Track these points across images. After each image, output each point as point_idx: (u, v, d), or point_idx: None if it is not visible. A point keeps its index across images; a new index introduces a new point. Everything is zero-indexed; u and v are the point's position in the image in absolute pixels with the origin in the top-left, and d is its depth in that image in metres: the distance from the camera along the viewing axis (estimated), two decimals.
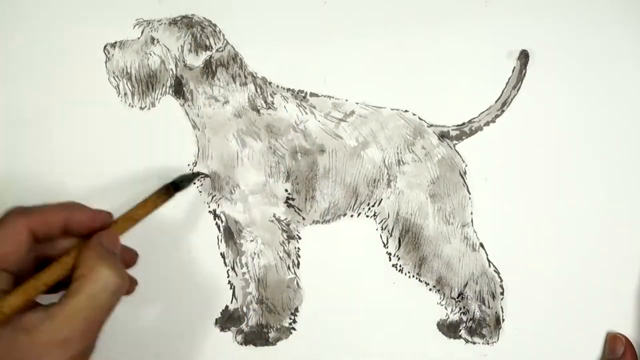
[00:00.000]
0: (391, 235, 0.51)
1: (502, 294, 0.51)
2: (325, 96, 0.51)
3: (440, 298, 0.52)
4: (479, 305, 0.51)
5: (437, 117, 0.51)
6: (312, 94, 0.51)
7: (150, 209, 0.44)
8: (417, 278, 0.51)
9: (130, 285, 0.43)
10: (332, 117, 0.51)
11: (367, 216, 0.51)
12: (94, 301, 0.37)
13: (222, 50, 0.50)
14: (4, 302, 0.36)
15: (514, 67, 0.51)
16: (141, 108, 0.50)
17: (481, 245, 0.51)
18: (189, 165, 0.50)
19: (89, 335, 0.37)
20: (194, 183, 0.49)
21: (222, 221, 0.51)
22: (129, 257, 0.46)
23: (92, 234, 0.41)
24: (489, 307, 0.51)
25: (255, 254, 0.51)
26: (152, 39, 0.49)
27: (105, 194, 0.50)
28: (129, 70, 0.49)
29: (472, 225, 0.51)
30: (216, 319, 0.51)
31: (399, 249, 0.51)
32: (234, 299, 0.51)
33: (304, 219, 0.51)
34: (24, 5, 0.50)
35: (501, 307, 0.51)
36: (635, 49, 0.51)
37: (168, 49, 0.49)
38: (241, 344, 0.51)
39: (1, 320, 0.36)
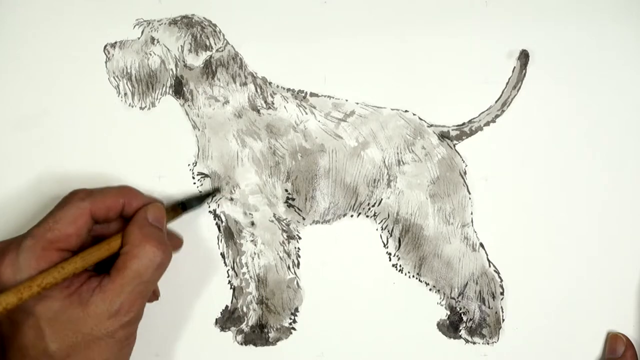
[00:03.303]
0: (391, 235, 0.51)
1: (502, 294, 0.51)
2: (325, 96, 0.51)
3: (440, 298, 0.52)
4: (479, 305, 0.51)
5: (437, 117, 0.51)
6: (312, 94, 0.51)
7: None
8: (417, 278, 0.51)
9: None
10: (332, 117, 0.51)
11: (367, 216, 0.51)
12: (140, 276, 0.41)
13: (222, 50, 0.50)
14: (62, 271, 0.40)
15: (514, 67, 0.51)
16: (141, 108, 0.50)
17: (481, 245, 0.51)
18: (189, 165, 0.50)
19: (135, 306, 0.42)
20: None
21: (222, 221, 0.51)
22: (174, 242, 0.49)
23: None
24: (489, 307, 0.51)
25: (255, 254, 0.51)
26: (152, 39, 0.49)
27: None
28: (129, 70, 0.49)
29: (472, 225, 0.51)
30: (216, 319, 0.51)
31: (399, 249, 0.51)
32: (234, 299, 0.51)
33: (304, 219, 0.51)
34: (24, 5, 0.50)
35: (501, 307, 0.51)
36: (635, 49, 0.51)
37: (168, 49, 0.49)
38: (241, 344, 0.51)
39: (57, 282, 0.40)
